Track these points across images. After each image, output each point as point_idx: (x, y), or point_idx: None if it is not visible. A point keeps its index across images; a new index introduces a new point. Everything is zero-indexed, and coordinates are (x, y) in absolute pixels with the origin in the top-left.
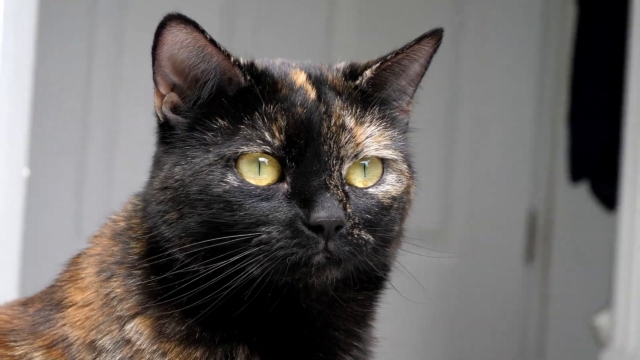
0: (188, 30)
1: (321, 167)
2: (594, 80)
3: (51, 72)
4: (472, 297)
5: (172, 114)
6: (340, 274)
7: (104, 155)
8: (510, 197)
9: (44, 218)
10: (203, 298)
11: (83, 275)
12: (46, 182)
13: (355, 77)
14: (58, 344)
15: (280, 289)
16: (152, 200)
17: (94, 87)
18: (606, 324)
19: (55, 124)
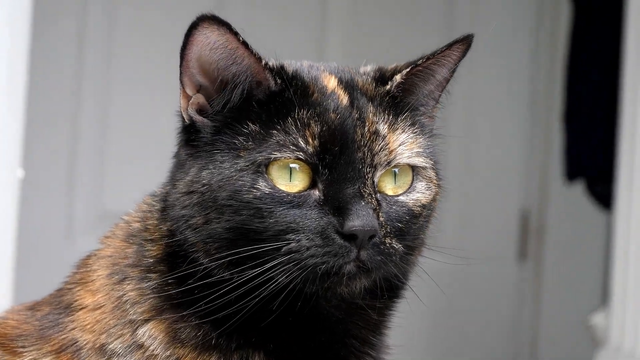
0: (221, 32)
1: (355, 174)
2: (590, 79)
3: (44, 73)
4: (466, 295)
5: (198, 116)
6: (369, 282)
7: (96, 157)
8: (503, 196)
9: (35, 220)
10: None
11: (94, 277)
12: (37, 184)
13: (385, 82)
14: (67, 349)
15: (302, 296)
16: (176, 204)
17: (86, 89)
18: (602, 322)
19: (46, 126)
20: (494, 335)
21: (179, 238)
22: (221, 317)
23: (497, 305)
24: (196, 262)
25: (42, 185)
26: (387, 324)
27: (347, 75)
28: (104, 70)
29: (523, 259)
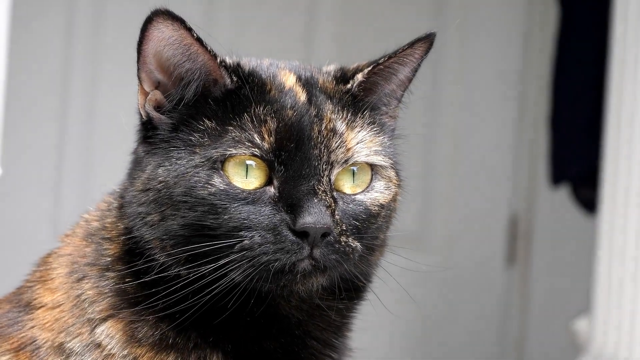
0: (175, 27)
1: (310, 171)
2: (575, 82)
3: (26, 68)
4: (453, 300)
5: (155, 113)
6: (326, 281)
7: (82, 154)
8: (491, 201)
9: (21, 219)
10: (181, 303)
11: (53, 275)
12: (22, 182)
13: (347, 81)
14: (26, 347)
15: (259, 295)
16: (133, 202)
17: (73, 86)
18: (585, 328)
19: (32, 125)
20: (482, 338)
21: (135, 235)
22: (178, 315)
23: (485, 310)
24: (152, 258)
25: (28, 185)
26: (349, 326)
27: (307, 73)
28: (91, 67)
29: (511, 264)
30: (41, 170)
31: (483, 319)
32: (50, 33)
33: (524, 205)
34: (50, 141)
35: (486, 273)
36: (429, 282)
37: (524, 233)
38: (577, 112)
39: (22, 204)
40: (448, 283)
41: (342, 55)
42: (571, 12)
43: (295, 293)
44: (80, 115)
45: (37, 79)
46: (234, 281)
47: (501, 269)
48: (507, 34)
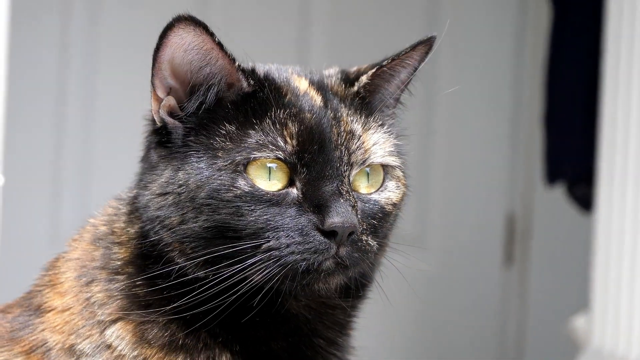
0: (198, 33)
1: (333, 172)
2: (569, 80)
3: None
4: (452, 300)
5: (170, 118)
6: (345, 279)
7: (81, 162)
8: (489, 200)
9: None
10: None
11: (62, 279)
12: (22, 190)
13: (353, 83)
14: (37, 349)
15: (271, 295)
16: (149, 206)
17: (70, 92)
18: (583, 325)
19: (30, 131)
20: (480, 338)
21: (153, 239)
22: (189, 317)
23: (484, 309)
24: (171, 262)
25: (27, 192)
26: (352, 325)
27: (317, 77)
28: (88, 73)
29: (509, 264)
30: (40, 178)
31: (482, 318)
32: (46, 40)
33: (521, 205)
34: (48, 148)
35: (484, 273)
36: (427, 283)
37: (522, 232)
38: (571, 110)
39: (22, 210)
40: (446, 283)
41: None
42: (564, 11)
43: (316, 291)
44: (78, 122)
45: (33, 86)
46: (257, 282)
47: (499, 268)
48: (500, 33)
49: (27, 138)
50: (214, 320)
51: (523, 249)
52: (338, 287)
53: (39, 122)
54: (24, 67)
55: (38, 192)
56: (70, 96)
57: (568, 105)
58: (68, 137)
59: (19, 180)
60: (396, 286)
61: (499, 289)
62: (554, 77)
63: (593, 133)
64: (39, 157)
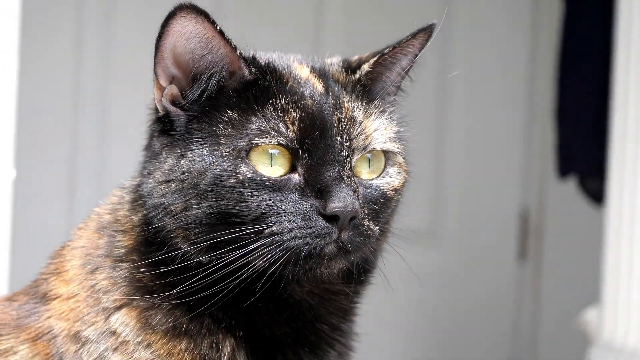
0: (199, 21)
1: (335, 158)
2: (580, 74)
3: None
4: (466, 295)
5: (172, 107)
6: (347, 264)
7: (96, 153)
8: (502, 195)
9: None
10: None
11: (67, 267)
12: (37, 181)
13: (354, 71)
14: (43, 336)
15: (274, 281)
16: (153, 194)
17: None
18: (594, 318)
19: (46, 126)
20: (494, 333)
21: (157, 226)
22: (193, 303)
23: (497, 304)
24: (175, 248)
25: (42, 186)
26: (355, 311)
27: (318, 64)
28: (103, 62)
29: (523, 258)
30: (55, 173)
31: (495, 312)
32: (61, 34)
33: (535, 200)
34: (64, 141)
35: (498, 267)
36: (441, 278)
37: (535, 227)
38: (583, 104)
39: (37, 205)
40: (461, 277)
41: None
42: (575, 5)
43: (318, 276)
44: (93, 115)
45: (48, 77)
46: (260, 267)
47: (513, 263)
48: (514, 27)
49: (43, 132)
50: (217, 306)
51: (536, 244)
52: (340, 272)
53: (54, 116)
54: (38, 61)
55: (53, 185)
56: (86, 89)
57: (579, 99)
58: (83, 131)
59: (34, 174)
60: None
61: (513, 283)
62: (565, 72)
63: (604, 127)
64: (55, 150)
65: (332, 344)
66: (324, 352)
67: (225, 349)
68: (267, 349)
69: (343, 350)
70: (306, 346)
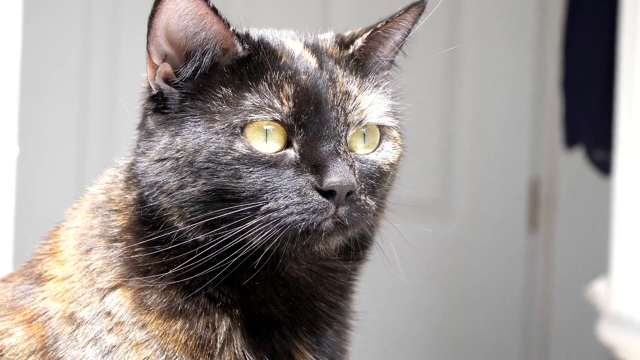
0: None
1: (330, 133)
2: (586, 45)
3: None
4: (477, 265)
5: (165, 85)
6: (345, 240)
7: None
8: (512, 166)
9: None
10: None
11: (62, 247)
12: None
13: (347, 46)
14: (38, 318)
15: (271, 258)
16: (147, 172)
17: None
18: (603, 290)
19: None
20: (506, 304)
21: (152, 204)
22: (189, 283)
23: (509, 274)
24: (170, 226)
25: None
26: (353, 288)
27: (312, 40)
28: (112, 45)
29: (534, 229)
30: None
31: (507, 283)
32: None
33: (545, 170)
34: (71, 119)
35: (509, 238)
36: (452, 249)
37: (546, 197)
38: (589, 74)
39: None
40: (471, 248)
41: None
42: None
43: (316, 253)
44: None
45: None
46: (257, 244)
47: (524, 233)
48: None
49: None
50: (213, 285)
51: (547, 214)
52: (338, 248)
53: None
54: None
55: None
56: (93, 66)
57: (585, 69)
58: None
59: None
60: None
61: (524, 254)
62: (571, 41)
63: (611, 98)
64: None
65: (330, 322)
66: (322, 330)
67: (221, 328)
68: (264, 328)
69: (341, 329)
70: (303, 325)
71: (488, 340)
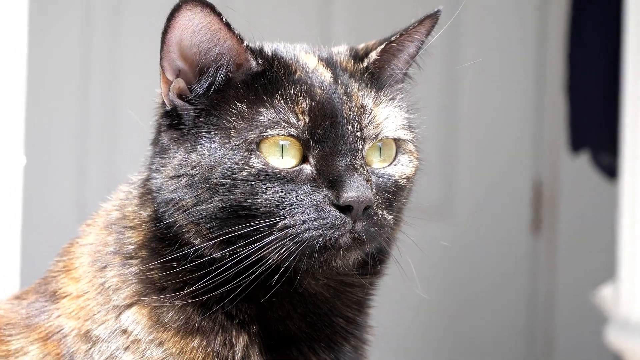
0: (205, 13)
1: (346, 147)
2: (591, 48)
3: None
4: (480, 267)
5: (180, 101)
6: (362, 255)
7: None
8: (515, 168)
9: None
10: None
11: (77, 264)
12: (47, 171)
13: (362, 59)
14: (54, 336)
15: (289, 275)
16: (162, 189)
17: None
18: (610, 294)
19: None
20: (509, 306)
21: (167, 221)
22: (205, 299)
23: (512, 277)
24: (187, 243)
25: (52, 171)
26: (370, 303)
27: (325, 53)
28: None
29: (537, 231)
30: (65, 159)
31: (510, 285)
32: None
33: (548, 172)
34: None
35: (512, 240)
36: (455, 252)
37: (549, 199)
38: (593, 78)
39: (47, 191)
40: (475, 250)
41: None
42: None
43: (333, 268)
44: (102, 100)
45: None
46: (274, 261)
47: (527, 235)
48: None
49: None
50: (231, 303)
51: (550, 216)
52: (355, 263)
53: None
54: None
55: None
56: (95, 77)
57: (590, 73)
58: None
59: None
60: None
61: (527, 256)
62: (576, 44)
63: (616, 101)
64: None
65: (348, 337)
66: (340, 346)
67: (238, 345)
68: (282, 345)
69: (358, 344)
70: (321, 340)
71: (491, 343)
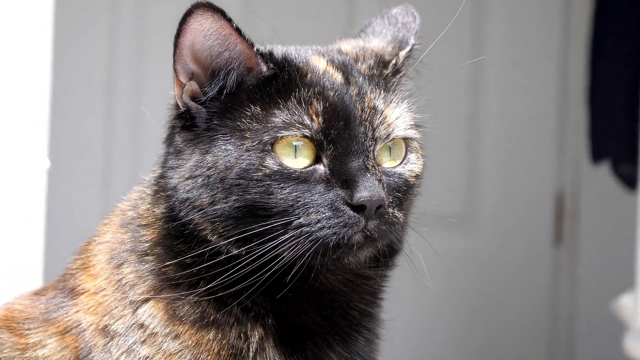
0: (215, 18)
1: (359, 148)
2: (612, 59)
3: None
4: (502, 279)
5: (193, 103)
6: (374, 251)
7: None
8: (537, 180)
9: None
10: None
11: (94, 262)
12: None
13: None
14: (72, 330)
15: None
16: (178, 189)
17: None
18: (630, 304)
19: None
20: (531, 318)
21: (183, 220)
22: (220, 294)
23: (534, 288)
24: (204, 241)
25: (77, 177)
26: (382, 294)
27: (336, 55)
28: (137, 57)
29: (559, 242)
30: (91, 164)
31: (532, 297)
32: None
33: (570, 184)
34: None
35: (534, 252)
36: (476, 263)
37: (571, 211)
38: (615, 89)
39: (72, 195)
40: (497, 262)
41: None
42: None
43: (346, 265)
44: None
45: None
46: (290, 258)
47: (549, 247)
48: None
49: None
50: (247, 298)
51: (572, 228)
52: (366, 259)
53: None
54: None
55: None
56: (120, 79)
57: (611, 83)
58: (119, 124)
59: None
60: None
61: (549, 268)
62: (597, 56)
63: (637, 111)
64: (90, 141)
65: (361, 330)
66: (354, 339)
67: (253, 337)
68: (297, 338)
69: (371, 337)
70: (336, 333)
71: (513, 354)
